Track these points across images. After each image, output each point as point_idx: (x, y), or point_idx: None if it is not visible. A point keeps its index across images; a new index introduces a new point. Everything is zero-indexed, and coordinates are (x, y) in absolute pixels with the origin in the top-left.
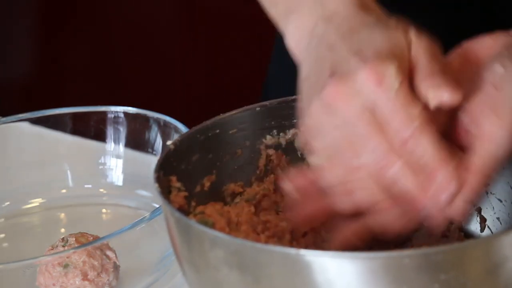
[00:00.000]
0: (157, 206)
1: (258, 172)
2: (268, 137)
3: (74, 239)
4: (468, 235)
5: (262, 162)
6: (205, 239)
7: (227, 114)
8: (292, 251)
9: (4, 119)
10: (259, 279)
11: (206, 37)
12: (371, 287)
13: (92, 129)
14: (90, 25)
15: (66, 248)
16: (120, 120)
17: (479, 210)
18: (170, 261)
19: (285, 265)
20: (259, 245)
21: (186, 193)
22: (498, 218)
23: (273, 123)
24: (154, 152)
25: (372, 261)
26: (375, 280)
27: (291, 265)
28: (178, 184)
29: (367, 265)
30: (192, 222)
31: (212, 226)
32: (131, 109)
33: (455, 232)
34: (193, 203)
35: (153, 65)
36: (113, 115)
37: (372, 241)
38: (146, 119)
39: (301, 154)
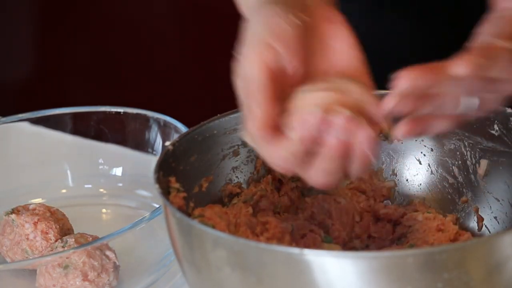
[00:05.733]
0: (157, 206)
1: (255, 172)
2: None
3: (73, 239)
4: (463, 228)
5: (259, 162)
6: (208, 240)
7: (224, 114)
8: (296, 250)
9: (4, 119)
10: (262, 279)
11: (207, 37)
12: (375, 286)
13: (92, 129)
14: (90, 25)
15: (65, 249)
16: (120, 120)
17: (476, 210)
18: (170, 261)
19: (288, 265)
20: (262, 245)
21: (185, 194)
22: (495, 217)
23: None
24: (154, 152)
25: (376, 260)
26: (379, 279)
27: (294, 264)
28: (177, 185)
29: (371, 264)
30: (194, 222)
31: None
32: (131, 109)
33: (449, 225)
34: (191, 204)
35: (153, 65)
36: (113, 115)
37: (368, 239)
38: (146, 119)
39: None
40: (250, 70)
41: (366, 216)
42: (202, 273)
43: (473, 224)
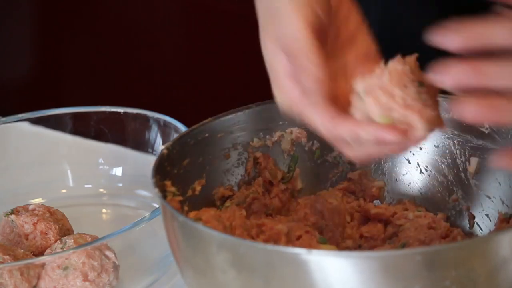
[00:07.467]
0: (157, 206)
1: (245, 175)
2: (255, 139)
3: (72, 240)
4: (454, 226)
5: (249, 165)
6: (212, 242)
7: (215, 117)
8: (303, 251)
9: (4, 119)
10: (269, 280)
11: (206, 37)
12: (385, 285)
13: (92, 129)
14: (90, 25)
15: (64, 249)
16: (120, 120)
17: (467, 208)
18: (170, 261)
19: (296, 265)
20: (269, 246)
21: (181, 198)
22: (487, 215)
23: (259, 125)
24: (154, 152)
25: (386, 259)
26: (388, 278)
27: (302, 265)
28: (173, 189)
29: (381, 263)
30: (198, 225)
31: None
32: (131, 109)
33: (440, 222)
34: (185, 208)
35: (153, 65)
36: (113, 115)
37: (360, 239)
38: (146, 119)
39: (287, 156)
40: (297, 31)
41: (357, 217)
42: (206, 277)
43: (464, 222)
